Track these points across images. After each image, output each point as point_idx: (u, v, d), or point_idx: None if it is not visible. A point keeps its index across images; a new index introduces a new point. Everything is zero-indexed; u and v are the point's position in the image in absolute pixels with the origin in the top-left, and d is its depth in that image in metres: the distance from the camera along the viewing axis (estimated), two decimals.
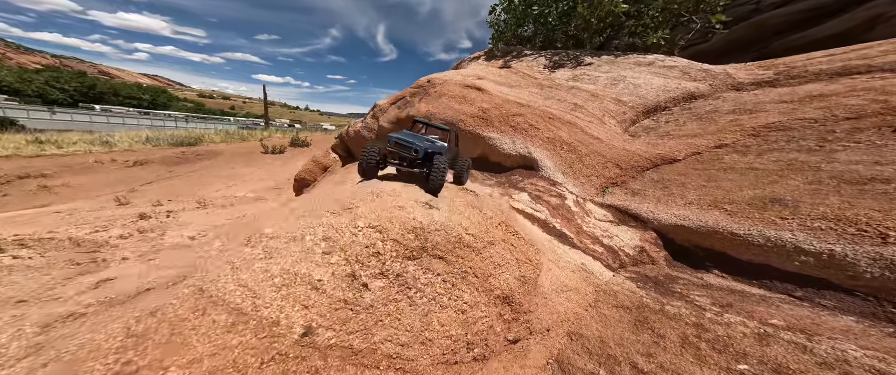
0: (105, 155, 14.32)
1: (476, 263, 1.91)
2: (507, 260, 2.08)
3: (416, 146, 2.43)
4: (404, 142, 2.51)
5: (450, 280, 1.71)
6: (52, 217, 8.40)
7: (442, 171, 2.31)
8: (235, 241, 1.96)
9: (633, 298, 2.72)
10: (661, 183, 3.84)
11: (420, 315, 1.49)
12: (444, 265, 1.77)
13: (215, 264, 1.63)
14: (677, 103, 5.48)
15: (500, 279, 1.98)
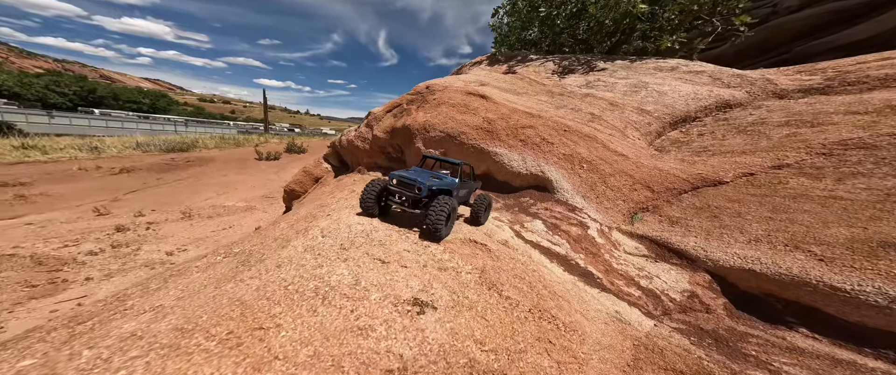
0: (90, 162, 13.76)
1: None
2: (544, 369, 1.38)
3: (419, 183, 2.23)
4: (407, 179, 2.34)
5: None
6: (22, 230, 7.73)
7: (442, 212, 2.04)
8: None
9: (687, 359, 2.10)
10: (708, 211, 3.14)
11: None
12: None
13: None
14: (709, 113, 4.82)
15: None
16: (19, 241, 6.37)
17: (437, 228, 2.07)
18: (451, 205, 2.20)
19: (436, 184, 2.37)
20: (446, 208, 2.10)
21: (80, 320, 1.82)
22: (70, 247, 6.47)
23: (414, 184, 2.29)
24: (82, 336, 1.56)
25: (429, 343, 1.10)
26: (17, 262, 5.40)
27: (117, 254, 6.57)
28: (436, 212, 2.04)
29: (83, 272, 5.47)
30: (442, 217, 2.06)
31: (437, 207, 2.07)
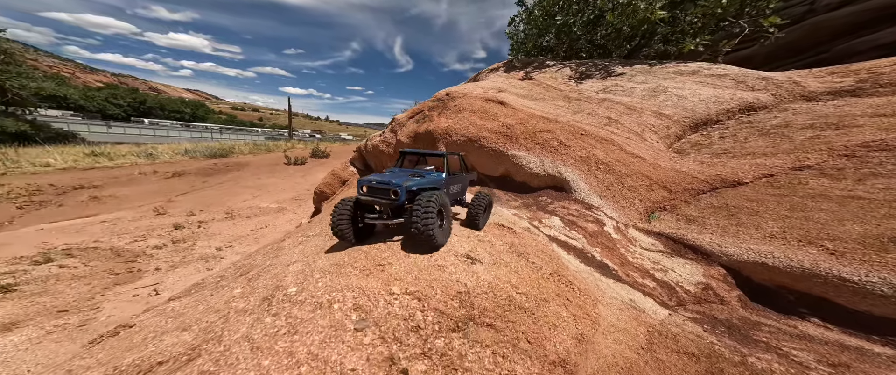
0: (148, 167, 15.45)
1: (529, 326, 1.57)
2: (563, 318, 1.71)
3: (393, 186, 1.72)
4: (378, 184, 1.82)
5: (500, 351, 1.40)
6: (99, 227, 8.96)
7: (429, 210, 1.61)
8: (256, 294, 1.71)
9: (700, 344, 2.25)
10: (725, 210, 3.24)
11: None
12: (494, 333, 1.46)
13: (233, 333, 1.39)
14: (732, 116, 4.83)
15: (556, 341, 1.66)
16: (98, 236, 7.43)
17: (429, 231, 1.60)
18: (440, 200, 1.74)
19: (416, 183, 1.90)
20: (433, 204, 1.66)
21: (245, 270, 2.29)
22: (139, 242, 7.45)
23: (387, 188, 1.79)
24: (261, 276, 2.02)
25: (481, 280, 1.55)
26: (101, 254, 6.33)
27: (177, 248, 7.47)
28: (422, 212, 1.62)
29: (152, 263, 6.33)
30: (431, 216, 1.62)
31: (421, 205, 1.64)
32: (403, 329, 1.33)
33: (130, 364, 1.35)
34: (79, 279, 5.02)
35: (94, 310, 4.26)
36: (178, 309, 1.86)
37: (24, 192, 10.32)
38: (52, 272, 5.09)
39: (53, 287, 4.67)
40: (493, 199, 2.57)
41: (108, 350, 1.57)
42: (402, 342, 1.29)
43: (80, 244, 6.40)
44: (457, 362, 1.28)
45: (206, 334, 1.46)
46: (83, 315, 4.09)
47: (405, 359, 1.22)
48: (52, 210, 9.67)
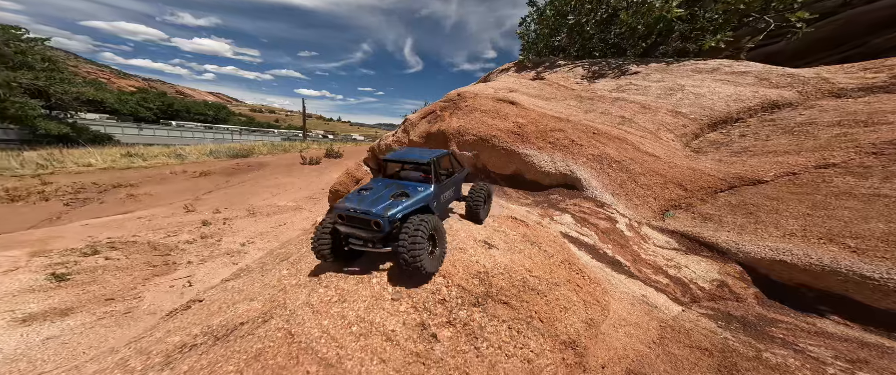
0: (178, 167, 16.44)
1: (541, 307, 1.72)
2: (574, 302, 1.81)
3: (374, 216, 1.55)
4: (355, 212, 1.61)
5: (515, 327, 1.57)
6: (136, 222, 9.64)
7: (416, 241, 1.46)
8: (303, 273, 1.92)
9: (713, 339, 2.25)
10: (744, 208, 3.18)
11: (487, 368, 1.40)
12: (510, 310, 1.63)
13: (294, 301, 1.64)
14: (754, 114, 4.69)
15: (567, 322, 1.77)
16: (136, 231, 8.01)
17: (416, 263, 1.46)
18: (430, 225, 1.56)
19: (401, 208, 1.65)
20: (421, 232, 1.49)
21: (285, 257, 2.51)
22: (172, 237, 7.98)
23: (367, 218, 1.58)
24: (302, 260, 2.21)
25: (498, 263, 1.72)
26: (139, 247, 6.84)
27: (206, 244, 7.95)
28: (408, 242, 1.46)
29: (185, 257, 6.78)
30: (419, 246, 1.46)
31: (408, 234, 1.48)
32: (432, 301, 1.55)
33: (218, 324, 1.59)
34: (122, 270, 5.47)
35: (137, 299, 4.64)
36: (238, 287, 2.07)
37: (70, 190, 11.23)
38: (99, 263, 5.56)
39: (101, 277, 5.11)
40: (492, 190, 2.32)
41: (190, 318, 1.78)
42: (431, 311, 1.51)
43: (121, 238, 6.94)
44: (477, 332, 1.48)
45: (271, 302, 1.68)
46: (128, 303, 4.46)
47: (434, 326, 1.45)
48: (95, 207, 10.49)
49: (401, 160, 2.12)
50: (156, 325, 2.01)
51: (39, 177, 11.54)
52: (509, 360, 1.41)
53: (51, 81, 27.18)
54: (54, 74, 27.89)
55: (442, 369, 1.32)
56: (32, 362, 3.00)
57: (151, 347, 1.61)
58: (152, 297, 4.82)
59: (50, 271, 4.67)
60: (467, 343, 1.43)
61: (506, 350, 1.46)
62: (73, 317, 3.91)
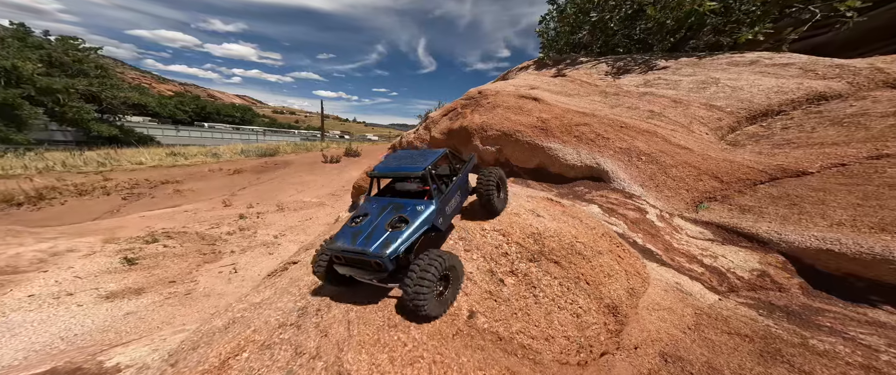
0: (215, 165, 17.69)
1: (587, 270, 1.85)
2: (617, 271, 1.92)
3: (374, 257, 1.38)
4: (351, 253, 1.43)
5: (565, 284, 1.74)
6: (183, 215, 10.53)
7: (421, 286, 1.30)
8: None
9: (754, 326, 2.22)
10: (786, 199, 3.07)
11: (544, 313, 1.60)
12: (560, 269, 1.79)
13: None
14: (798, 106, 4.47)
15: (610, 288, 1.87)
16: (185, 223, 8.75)
17: (416, 301, 1.31)
18: (444, 262, 1.39)
19: (400, 240, 1.43)
20: (430, 273, 1.33)
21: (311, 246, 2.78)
22: (214, 229, 8.64)
23: (367, 259, 1.41)
24: None
25: (548, 227, 1.96)
26: (190, 237, 7.48)
27: (244, 235, 8.55)
28: (414, 283, 1.31)
29: (228, 247, 7.35)
30: (424, 290, 1.31)
31: (414, 276, 1.32)
32: (496, 254, 1.76)
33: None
34: (178, 257, 6.04)
35: (193, 282, 5.13)
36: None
37: (126, 185, 12.44)
38: (159, 250, 6.18)
39: (162, 262, 5.69)
40: (503, 174, 2.01)
41: (290, 276, 2.01)
42: (497, 261, 1.73)
43: (173, 229, 7.63)
44: (535, 282, 1.68)
45: None
46: (186, 286, 4.96)
47: (500, 273, 1.69)
48: (147, 201, 11.55)
49: (391, 174, 1.80)
50: (260, 283, 2.26)
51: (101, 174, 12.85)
52: (561, 312, 1.57)
53: (103, 86, 30.02)
54: (105, 81, 30.80)
55: (510, 307, 1.55)
56: (119, 333, 3.43)
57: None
58: (205, 281, 5.31)
59: (122, 255, 5.26)
60: (527, 290, 1.63)
61: (558, 302, 1.63)
62: (145, 296, 4.41)
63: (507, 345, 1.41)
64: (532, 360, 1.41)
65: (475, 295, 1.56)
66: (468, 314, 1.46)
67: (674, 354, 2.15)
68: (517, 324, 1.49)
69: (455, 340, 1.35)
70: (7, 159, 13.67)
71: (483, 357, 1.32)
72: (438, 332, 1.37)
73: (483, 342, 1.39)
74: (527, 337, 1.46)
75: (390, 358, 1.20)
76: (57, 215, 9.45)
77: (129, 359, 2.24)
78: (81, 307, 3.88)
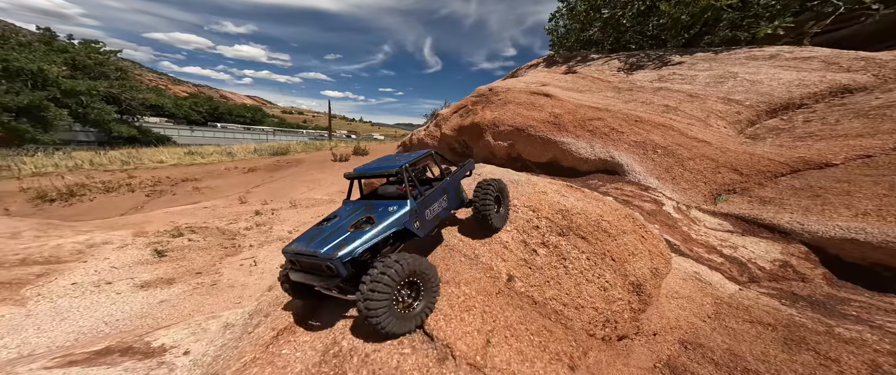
0: (231, 164, 18.21)
1: (612, 247, 1.95)
2: (640, 250, 2.01)
3: (321, 258, 1.20)
4: (305, 256, 1.27)
5: (593, 259, 1.84)
6: (204, 211, 10.91)
7: (376, 299, 1.13)
8: None
9: (776, 315, 2.23)
10: (809, 191, 3.05)
11: (574, 284, 1.72)
12: (587, 244, 1.90)
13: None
14: (820, 99, 4.39)
15: (635, 266, 1.96)
16: (205, 218, 9.07)
17: (373, 319, 1.13)
18: (404, 267, 1.19)
19: (359, 241, 1.24)
20: (384, 280, 1.14)
21: None
22: (233, 224, 8.94)
23: (315, 259, 1.23)
24: None
25: (575, 205, 2.05)
26: (211, 232, 7.77)
27: (260, 230, 8.82)
28: (367, 291, 1.12)
29: (246, 241, 7.61)
30: (378, 301, 1.12)
31: (367, 283, 1.13)
32: (528, 227, 1.91)
33: None
34: (202, 250, 6.31)
35: (217, 274, 5.37)
36: None
37: (149, 182, 12.97)
38: (184, 243, 6.46)
39: (188, 255, 5.96)
40: (505, 186, 1.81)
41: None
42: (529, 234, 1.88)
43: (196, 224, 7.94)
44: (564, 254, 1.81)
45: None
46: (212, 277, 5.19)
47: (533, 244, 1.84)
48: (169, 198, 12.02)
49: (366, 174, 1.65)
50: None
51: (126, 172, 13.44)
52: (589, 284, 1.68)
53: (122, 88, 31.13)
54: (125, 83, 31.95)
55: (543, 274, 1.68)
56: (155, 319, 3.65)
57: None
58: (228, 273, 5.54)
59: (152, 248, 5.54)
60: (558, 261, 1.76)
61: (586, 275, 1.75)
62: (175, 286, 4.66)
63: (541, 309, 1.54)
64: (564, 325, 1.52)
65: (512, 262, 1.70)
66: (507, 277, 1.60)
67: (693, 341, 2.18)
68: (550, 291, 1.61)
69: (498, 298, 1.51)
70: (38, 159, 14.41)
71: (523, 314, 1.47)
72: (484, 290, 1.52)
73: (521, 303, 1.54)
74: (559, 304, 1.59)
75: (449, 304, 1.37)
76: (87, 211, 9.95)
77: (171, 340, 2.40)
78: (120, 295, 4.12)
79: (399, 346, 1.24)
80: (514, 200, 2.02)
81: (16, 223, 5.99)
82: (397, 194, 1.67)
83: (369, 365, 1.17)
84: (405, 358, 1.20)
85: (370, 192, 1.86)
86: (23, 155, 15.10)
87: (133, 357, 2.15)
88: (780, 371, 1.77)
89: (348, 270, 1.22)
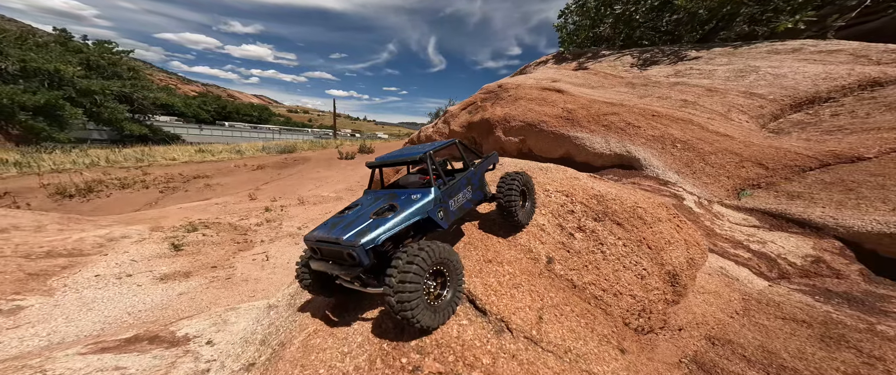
0: (240, 161, 18.48)
1: (648, 235, 1.92)
2: (676, 239, 1.98)
3: (344, 246, 1.15)
4: (326, 243, 1.24)
5: (629, 246, 1.82)
6: (216, 208, 11.10)
7: (405, 287, 1.05)
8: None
9: (811, 312, 2.16)
10: (841, 185, 2.95)
11: (612, 270, 1.70)
12: (623, 231, 1.88)
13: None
14: (849, 92, 4.24)
15: (672, 255, 1.93)
16: (217, 214, 9.21)
17: (405, 312, 1.06)
18: (432, 254, 1.12)
19: (383, 228, 1.19)
20: (414, 268, 1.06)
21: None
22: (244, 220, 9.06)
23: (339, 248, 1.18)
24: None
25: (610, 190, 2.05)
26: (224, 227, 7.88)
27: (270, 227, 8.93)
28: (397, 283, 1.05)
29: (257, 237, 7.71)
30: (411, 291, 1.05)
31: (396, 273, 1.06)
32: (562, 212, 1.90)
33: None
34: (216, 245, 6.41)
35: (231, 268, 5.45)
36: None
37: (162, 179, 13.24)
38: (199, 238, 6.57)
39: (203, 249, 6.06)
40: (531, 180, 1.73)
41: None
42: (565, 218, 1.87)
43: (208, 220, 8.08)
44: (601, 238, 1.78)
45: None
46: (226, 271, 5.27)
47: (569, 228, 1.82)
48: (182, 194, 12.26)
49: (388, 162, 1.61)
50: None
51: (141, 169, 13.75)
52: (627, 271, 1.66)
53: (134, 88, 31.78)
54: (137, 82, 32.60)
55: (581, 258, 1.67)
56: (176, 310, 3.73)
57: None
58: (242, 267, 5.62)
59: (169, 242, 5.65)
60: (595, 246, 1.74)
61: (623, 262, 1.72)
62: (192, 279, 4.75)
63: (580, 293, 1.54)
64: (604, 311, 1.51)
65: (550, 244, 1.70)
66: (547, 259, 1.60)
67: (722, 337, 2.12)
68: (589, 276, 1.59)
69: (541, 278, 1.52)
70: (56, 156, 14.82)
71: (565, 297, 1.48)
72: (527, 270, 1.53)
73: (562, 285, 1.55)
74: (598, 289, 1.57)
75: (498, 282, 1.40)
76: (104, 206, 10.19)
77: (194, 330, 2.43)
78: (141, 287, 4.22)
79: (456, 318, 1.28)
80: (547, 185, 2.01)
81: (39, 217, 6.16)
82: (420, 184, 1.62)
83: (431, 333, 1.22)
84: (464, 329, 1.23)
85: (391, 183, 1.82)
86: (41, 152, 15.55)
87: (160, 346, 2.18)
88: (820, 370, 1.70)
89: (370, 259, 1.17)
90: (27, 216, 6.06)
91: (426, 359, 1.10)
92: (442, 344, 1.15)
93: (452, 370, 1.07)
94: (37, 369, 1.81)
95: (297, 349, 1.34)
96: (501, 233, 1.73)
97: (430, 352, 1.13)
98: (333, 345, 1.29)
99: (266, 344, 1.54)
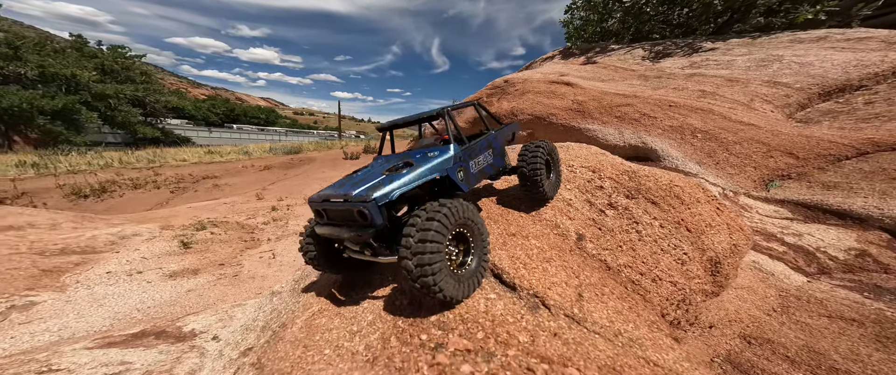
0: (248, 162, 18.73)
1: (687, 216, 1.76)
2: (718, 222, 1.84)
3: (354, 202, 1.02)
4: (334, 203, 1.10)
5: (667, 227, 1.67)
6: (224, 207, 11.20)
7: (424, 249, 0.90)
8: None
9: (861, 310, 1.99)
10: (882, 173, 2.74)
11: (650, 252, 1.56)
12: (659, 211, 1.73)
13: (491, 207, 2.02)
14: (883, 80, 3.99)
15: (713, 239, 1.75)
16: (225, 214, 9.28)
17: (425, 278, 0.90)
18: (455, 212, 0.98)
19: (397, 183, 1.06)
20: (434, 226, 0.91)
21: None
22: (252, 219, 9.10)
23: (350, 208, 1.04)
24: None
25: (642, 168, 1.99)
26: (231, 226, 7.91)
27: (277, 225, 8.94)
28: (415, 243, 0.90)
29: (264, 235, 7.72)
30: (431, 253, 0.89)
31: (414, 232, 0.91)
32: (590, 188, 1.77)
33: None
34: (224, 243, 6.42)
35: (239, 266, 5.44)
36: None
37: (173, 180, 13.49)
38: (208, 236, 6.60)
39: (211, 247, 6.08)
40: (555, 149, 1.59)
41: None
42: (593, 194, 1.75)
43: (217, 219, 8.14)
44: (635, 217, 1.63)
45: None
46: (234, 269, 5.26)
47: (599, 205, 1.69)
48: (191, 194, 12.45)
49: (400, 123, 1.48)
50: None
51: (152, 169, 14.04)
52: (665, 255, 1.51)
53: (147, 92, 32.62)
54: (149, 86, 33.45)
55: (614, 237, 1.52)
56: (184, 306, 3.71)
57: None
58: (249, 265, 5.61)
59: (178, 240, 5.68)
60: (629, 225, 1.59)
61: (661, 244, 1.56)
62: (200, 276, 4.75)
63: (616, 276, 1.40)
64: (643, 297, 1.38)
65: (579, 220, 1.57)
66: (577, 236, 1.47)
67: (759, 336, 1.96)
68: (624, 258, 1.45)
69: (572, 255, 1.40)
70: (72, 158, 15.24)
71: (600, 276, 1.35)
72: (557, 245, 1.40)
73: (596, 265, 1.42)
74: (635, 273, 1.43)
75: (527, 255, 1.28)
76: (117, 206, 10.41)
77: (201, 326, 2.38)
78: (150, 284, 4.22)
79: (482, 291, 1.11)
80: (570, 161, 1.87)
81: (54, 216, 6.28)
82: (437, 144, 1.43)
83: (455, 306, 1.05)
84: (493, 303, 1.06)
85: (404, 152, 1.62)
86: (58, 154, 16.02)
87: (166, 341, 2.13)
88: (879, 373, 1.54)
89: (383, 219, 1.00)
90: (43, 215, 6.18)
91: (450, 335, 0.92)
92: (468, 319, 0.96)
93: (483, 347, 0.88)
94: (43, 363, 1.76)
95: (299, 328, 1.21)
96: (523, 208, 1.57)
97: (455, 328, 0.94)
98: (340, 325, 1.14)
99: (267, 329, 1.46)
